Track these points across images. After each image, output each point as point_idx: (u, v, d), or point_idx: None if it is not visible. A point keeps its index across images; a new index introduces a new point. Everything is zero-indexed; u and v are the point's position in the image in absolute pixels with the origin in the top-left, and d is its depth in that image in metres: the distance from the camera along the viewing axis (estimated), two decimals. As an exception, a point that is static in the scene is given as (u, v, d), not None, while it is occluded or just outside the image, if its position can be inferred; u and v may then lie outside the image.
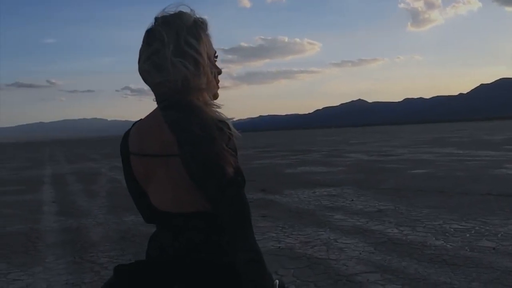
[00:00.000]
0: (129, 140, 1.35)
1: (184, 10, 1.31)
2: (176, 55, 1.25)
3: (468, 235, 4.65)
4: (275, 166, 14.45)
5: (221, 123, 1.25)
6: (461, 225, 5.06)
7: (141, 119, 1.38)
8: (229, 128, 1.26)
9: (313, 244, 4.57)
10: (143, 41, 1.29)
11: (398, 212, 6.02)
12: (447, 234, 4.73)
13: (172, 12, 1.31)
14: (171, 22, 1.28)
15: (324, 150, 22.35)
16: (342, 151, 20.78)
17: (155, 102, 1.34)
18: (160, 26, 1.26)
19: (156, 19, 1.29)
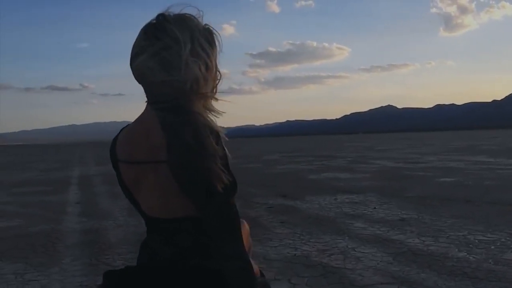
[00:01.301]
0: (117, 147, 1.31)
1: (190, 12, 1.26)
2: (192, 55, 1.20)
3: (493, 247, 4.45)
4: (299, 171, 14.33)
5: (215, 133, 1.20)
6: (486, 237, 4.86)
7: (128, 124, 1.34)
8: (221, 138, 1.22)
9: (330, 253, 4.46)
10: (147, 35, 1.21)
11: (421, 221, 5.84)
12: (470, 245, 4.55)
13: (181, 12, 1.25)
14: (185, 22, 1.23)
15: (349, 156, 22.07)
16: (368, 157, 20.47)
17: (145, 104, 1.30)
18: (171, 24, 1.20)
19: (164, 16, 1.22)
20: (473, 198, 7.51)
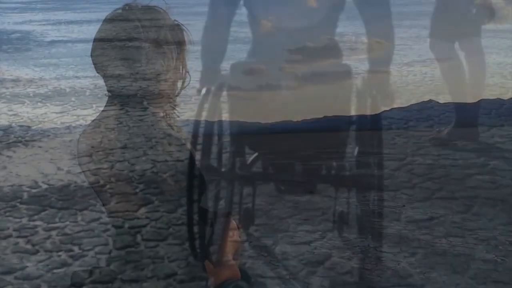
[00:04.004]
0: (78, 146, 1.30)
1: (158, 4, 1.24)
2: (156, 50, 1.17)
3: (524, 249, 4.22)
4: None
5: (168, 135, 1.17)
6: (518, 238, 4.61)
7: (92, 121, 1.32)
8: (175, 141, 1.19)
9: (349, 252, 4.35)
10: (112, 24, 1.20)
11: (452, 221, 5.58)
12: (500, 247, 4.32)
13: (149, 5, 1.23)
14: (152, 15, 1.20)
15: (385, 152, 21.64)
16: (405, 153, 20.01)
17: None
18: (137, 15, 1.18)
19: (130, 6, 1.20)
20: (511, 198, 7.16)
